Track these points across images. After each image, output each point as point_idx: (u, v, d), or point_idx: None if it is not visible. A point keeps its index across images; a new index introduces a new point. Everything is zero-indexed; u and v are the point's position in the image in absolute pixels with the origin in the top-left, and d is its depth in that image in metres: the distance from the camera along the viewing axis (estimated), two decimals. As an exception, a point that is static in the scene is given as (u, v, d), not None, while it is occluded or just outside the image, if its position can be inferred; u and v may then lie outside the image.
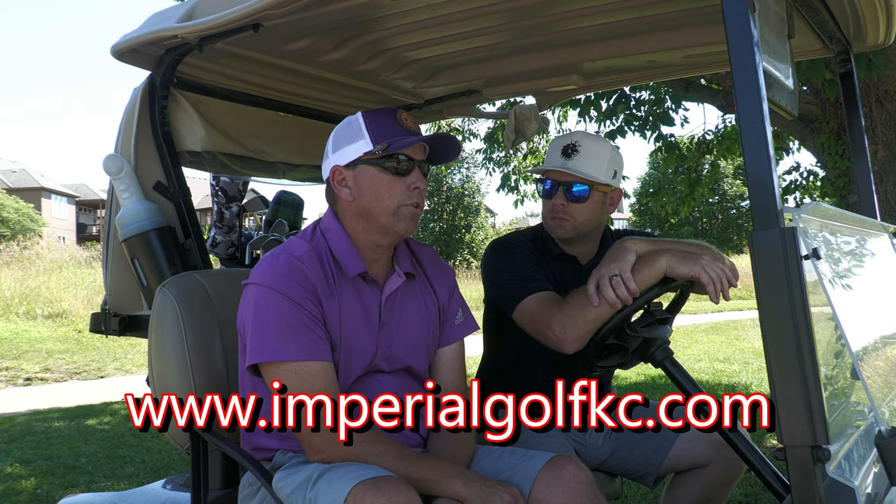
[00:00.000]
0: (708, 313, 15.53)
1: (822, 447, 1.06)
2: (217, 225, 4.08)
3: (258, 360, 1.53)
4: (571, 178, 2.06)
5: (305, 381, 1.50)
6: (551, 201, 2.09)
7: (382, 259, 1.70)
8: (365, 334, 1.64)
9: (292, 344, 1.51)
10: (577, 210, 2.07)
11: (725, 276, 1.73)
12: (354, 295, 1.64)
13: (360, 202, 1.62)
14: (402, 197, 1.60)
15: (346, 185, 1.63)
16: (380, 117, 1.63)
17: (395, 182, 1.60)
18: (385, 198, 1.60)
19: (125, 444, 5.15)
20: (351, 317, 1.62)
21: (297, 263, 1.57)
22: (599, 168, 2.06)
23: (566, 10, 2.00)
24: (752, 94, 1.14)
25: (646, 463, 2.12)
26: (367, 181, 1.61)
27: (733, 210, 37.20)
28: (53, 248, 20.05)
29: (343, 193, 1.63)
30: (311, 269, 1.57)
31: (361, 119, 1.63)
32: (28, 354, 9.58)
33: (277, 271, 1.55)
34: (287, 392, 1.51)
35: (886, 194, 4.97)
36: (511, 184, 9.25)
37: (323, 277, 1.59)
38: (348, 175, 1.63)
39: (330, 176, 1.65)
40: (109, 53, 2.09)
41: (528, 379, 2.18)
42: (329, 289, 1.60)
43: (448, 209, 32.94)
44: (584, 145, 2.07)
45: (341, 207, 1.66)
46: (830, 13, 1.81)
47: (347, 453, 1.50)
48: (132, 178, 2.19)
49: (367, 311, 1.66)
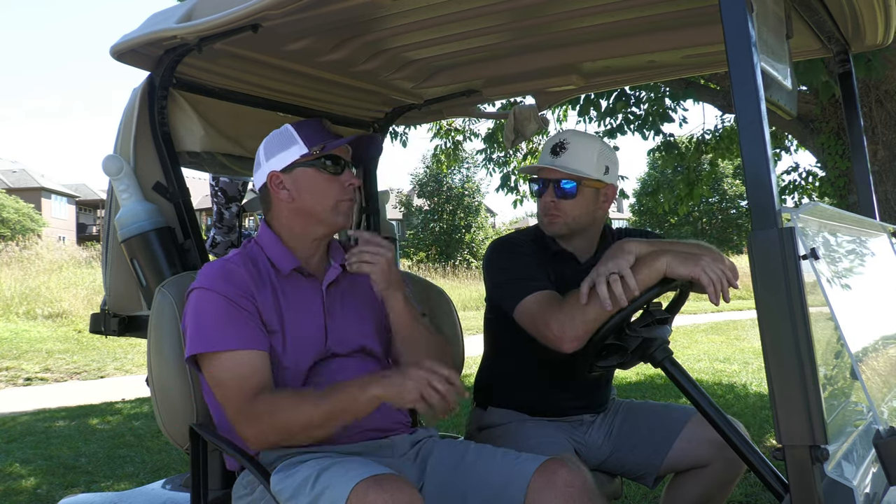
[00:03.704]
0: (708, 313, 15.53)
1: (820, 447, 1.06)
2: (217, 225, 4.08)
3: (195, 351, 1.64)
4: (559, 175, 2.07)
5: (231, 369, 1.62)
6: (542, 199, 2.12)
7: (317, 254, 1.83)
8: (311, 324, 1.76)
9: (226, 335, 1.63)
10: (568, 206, 2.08)
11: (726, 277, 1.73)
12: (294, 290, 1.77)
13: (299, 202, 1.76)
14: (339, 193, 1.76)
15: (283, 187, 1.76)
16: (307, 125, 1.81)
17: (332, 180, 1.76)
18: (325, 195, 1.75)
19: (125, 444, 5.15)
20: (293, 309, 1.74)
21: (228, 265, 1.72)
22: (588, 163, 2.07)
23: (566, 10, 2.00)
24: (751, 94, 1.14)
25: (646, 463, 2.12)
26: (305, 182, 1.75)
27: (733, 210, 37.21)
28: (53, 248, 20.02)
29: (282, 195, 1.76)
30: (240, 268, 1.72)
31: (292, 128, 1.79)
32: (28, 354, 9.58)
33: (212, 274, 1.70)
34: (221, 379, 1.62)
35: (886, 194, 4.97)
36: (511, 184, 9.24)
37: (256, 275, 1.73)
38: (286, 179, 1.76)
39: (267, 181, 1.78)
40: (109, 54, 2.09)
41: (528, 378, 2.18)
42: (262, 283, 1.72)
43: (448, 209, 32.96)
44: (572, 142, 2.09)
45: (277, 211, 1.80)
46: (829, 13, 1.81)
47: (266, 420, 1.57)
48: (131, 179, 2.19)
49: (310, 303, 1.78)
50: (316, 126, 1.81)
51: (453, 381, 1.50)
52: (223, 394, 1.63)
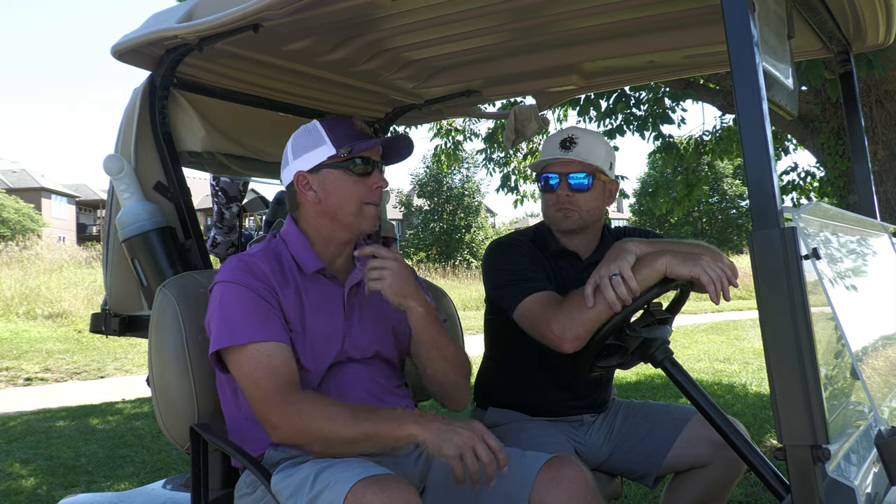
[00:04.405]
0: (708, 313, 15.53)
1: (821, 447, 1.06)
2: (217, 225, 4.08)
3: (223, 344, 1.61)
4: (575, 168, 2.07)
5: (261, 360, 1.58)
6: (555, 193, 2.10)
7: (342, 255, 1.80)
8: (331, 326, 1.73)
9: (254, 326, 1.60)
10: (583, 199, 2.08)
11: (725, 277, 1.73)
12: (317, 290, 1.74)
13: (325, 204, 1.72)
14: (365, 195, 1.72)
15: (310, 188, 1.73)
16: (337, 123, 1.75)
17: (358, 182, 1.72)
18: (350, 198, 1.71)
19: (125, 444, 5.15)
20: (314, 309, 1.71)
21: (250, 259, 1.69)
22: (600, 157, 2.08)
23: (566, 10, 2.00)
24: (752, 94, 1.14)
25: (646, 463, 2.12)
26: (332, 183, 1.71)
27: (733, 210, 37.22)
28: (53, 249, 20.03)
29: (309, 196, 1.73)
30: (264, 265, 1.69)
31: (320, 127, 1.74)
32: (28, 354, 9.58)
33: (234, 268, 1.67)
34: (250, 371, 1.58)
35: (886, 194, 4.97)
36: (511, 184, 9.26)
37: (280, 272, 1.70)
38: (312, 179, 1.73)
39: (294, 181, 1.74)
40: (109, 54, 2.09)
41: (528, 379, 2.18)
42: (285, 282, 1.70)
43: (448, 209, 32.97)
44: (582, 137, 2.09)
45: (304, 210, 1.76)
46: (830, 13, 1.81)
47: (301, 419, 1.53)
48: (132, 179, 2.19)
49: (331, 305, 1.75)
50: (346, 126, 1.75)
51: (498, 453, 1.45)
52: (254, 387, 1.57)
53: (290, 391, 1.57)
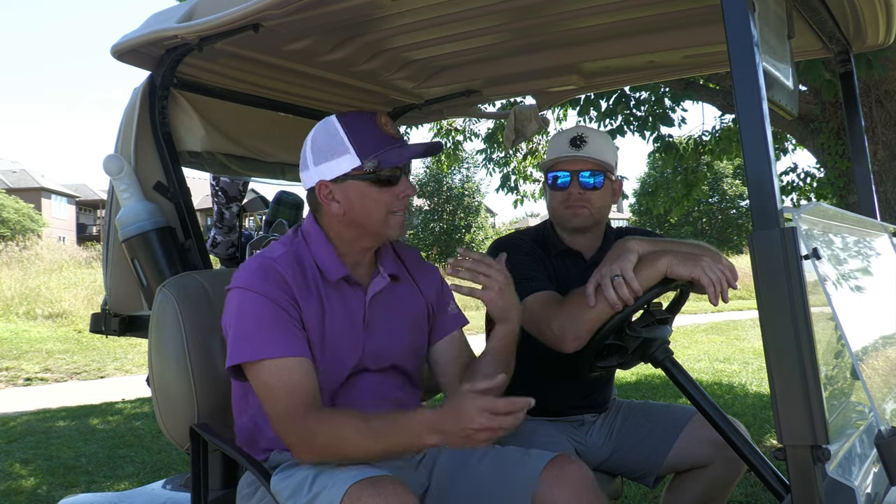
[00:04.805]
0: (708, 313, 15.52)
1: (821, 447, 1.06)
2: (217, 225, 4.08)
3: (240, 360, 1.54)
4: (588, 166, 2.07)
5: (281, 377, 1.51)
6: (566, 191, 2.09)
7: (365, 261, 1.72)
8: (350, 335, 1.66)
9: (270, 342, 1.52)
10: (595, 197, 2.09)
11: (725, 279, 1.74)
12: (338, 298, 1.66)
13: (350, 215, 1.62)
14: (392, 204, 1.62)
15: (334, 198, 1.62)
16: (360, 126, 1.60)
17: (384, 193, 1.61)
18: (376, 208, 1.61)
19: (125, 444, 5.15)
20: (335, 318, 1.64)
21: (272, 265, 1.59)
22: (610, 156, 2.10)
23: (566, 10, 2.00)
24: (752, 94, 1.14)
25: (646, 463, 2.12)
26: (357, 195, 1.60)
27: (733, 210, 37.20)
28: (53, 249, 20.02)
29: (333, 207, 1.62)
30: (286, 271, 1.59)
31: (342, 131, 1.59)
32: (28, 354, 9.58)
33: (255, 274, 1.58)
34: (270, 387, 1.52)
35: (886, 194, 4.97)
36: (511, 184, 9.26)
37: (301, 278, 1.61)
38: (336, 189, 1.61)
39: (316, 189, 1.63)
40: (109, 54, 2.09)
41: (529, 378, 2.18)
42: (308, 290, 1.61)
43: (448, 209, 32.95)
44: (591, 136, 2.10)
45: (327, 218, 1.66)
46: (830, 13, 1.81)
47: (318, 441, 1.49)
48: (132, 179, 2.19)
49: (352, 313, 1.67)
50: (370, 130, 1.60)
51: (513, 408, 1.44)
52: (272, 403, 1.51)
53: (308, 409, 1.50)
